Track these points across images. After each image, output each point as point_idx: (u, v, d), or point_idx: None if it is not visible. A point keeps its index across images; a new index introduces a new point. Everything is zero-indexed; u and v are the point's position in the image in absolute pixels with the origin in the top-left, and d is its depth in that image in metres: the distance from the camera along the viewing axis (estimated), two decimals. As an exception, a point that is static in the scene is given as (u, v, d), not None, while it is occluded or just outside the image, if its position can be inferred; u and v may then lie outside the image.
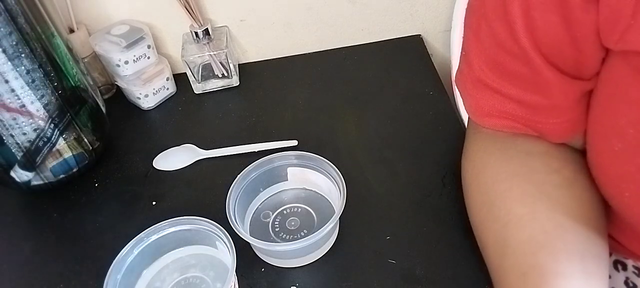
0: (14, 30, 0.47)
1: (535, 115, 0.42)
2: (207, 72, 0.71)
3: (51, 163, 0.56)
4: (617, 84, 0.36)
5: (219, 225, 0.46)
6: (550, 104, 0.40)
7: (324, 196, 0.54)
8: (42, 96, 0.51)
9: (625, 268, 0.49)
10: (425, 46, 0.76)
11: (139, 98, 0.69)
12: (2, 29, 0.46)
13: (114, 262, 0.44)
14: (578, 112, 0.41)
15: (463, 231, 0.50)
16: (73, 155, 0.57)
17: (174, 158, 0.62)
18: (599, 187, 0.42)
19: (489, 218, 0.43)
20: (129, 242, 0.46)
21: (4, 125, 0.51)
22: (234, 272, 0.43)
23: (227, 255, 0.45)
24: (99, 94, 0.62)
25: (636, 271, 0.49)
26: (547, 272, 0.36)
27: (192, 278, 0.48)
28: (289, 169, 0.54)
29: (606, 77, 0.37)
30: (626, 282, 0.49)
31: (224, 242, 0.45)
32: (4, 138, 0.51)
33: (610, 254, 0.50)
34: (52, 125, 0.53)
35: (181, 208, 0.56)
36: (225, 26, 0.73)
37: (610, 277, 0.50)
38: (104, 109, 0.62)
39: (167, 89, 0.71)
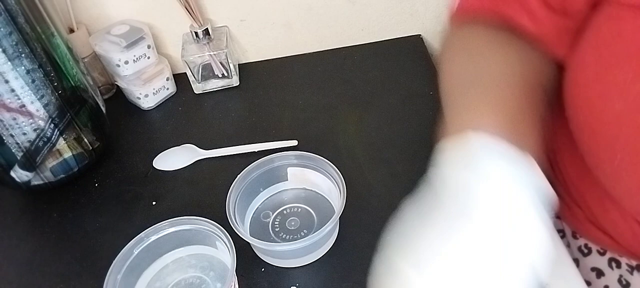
0: (14, 30, 0.47)
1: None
2: (207, 72, 0.71)
3: (51, 163, 0.56)
4: (624, 38, 0.35)
5: (219, 225, 0.46)
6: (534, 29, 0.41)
7: (324, 196, 0.54)
8: (42, 96, 0.51)
9: (619, 265, 0.50)
10: (425, 46, 0.76)
11: (139, 98, 0.69)
12: (2, 29, 0.46)
13: (114, 261, 0.44)
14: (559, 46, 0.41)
15: (463, 231, 0.50)
16: (73, 155, 0.57)
17: (174, 159, 0.62)
18: (586, 153, 0.41)
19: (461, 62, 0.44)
20: (129, 242, 0.46)
21: (4, 125, 0.51)
22: (234, 272, 0.43)
23: (227, 255, 0.45)
24: (99, 94, 0.62)
25: (629, 269, 0.49)
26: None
27: (191, 279, 0.48)
28: (289, 169, 0.54)
29: (611, 32, 0.36)
30: (619, 280, 0.49)
31: (224, 242, 0.45)
32: (4, 138, 0.51)
33: (605, 252, 0.51)
34: (52, 125, 0.53)
35: (181, 208, 0.56)
36: (225, 26, 0.73)
37: (604, 274, 0.50)
38: (104, 109, 0.62)
39: (167, 89, 0.71)
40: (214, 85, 0.72)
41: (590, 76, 0.39)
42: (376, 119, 0.64)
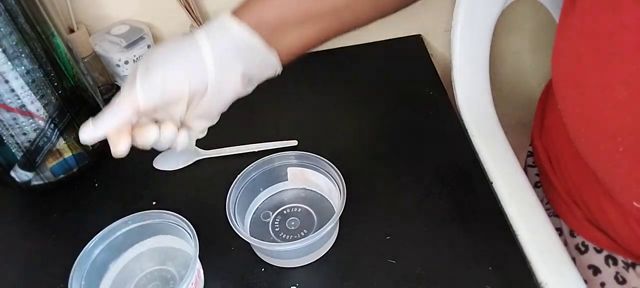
0: (14, 30, 0.47)
1: None
2: (207, 72, 0.71)
3: (51, 163, 0.56)
4: (628, 29, 0.34)
5: (180, 216, 0.46)
6: None
7: (324, 196, 0.54)
8: (42, 96, 0.51)
9: (615, 263, 0.50)
10: (425, 46, 0.76)
11: (139, 98, 0.69)
12: (2, 29, 0.46)
13: (79, 257, 0.46)
14: None
15: (463, 231, 0.50)
16: (73, 155, 0.57)
17: (174, 159, 0.62)
18: (584, 146, 0.41)
19: None
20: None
21: (4, 125, 0.51)
22: (198, 259, 0.43)
23: (190, 245, 0.45)
24: (99, 94, 0.62)
25: (626, 266, 0.49)
26: None
27: (163, 272, 0.49)
28: (289, 169, 0.54)
29: (612, 23, 0.35)
30: (616, 277, 0.49)
31: (186, 231, 0.45)
32: (4, 138, 0.51)
33: (602, 250, 0.51)
34: (52, 125, 0.53)
35: (181, 208, 0.56)
36: (225, 26, 0.73)
37: (601, 272, 0.50)
38: (104, 109, 0.62)
39: (167, 89, 0.71)
40: (214, 85, 0.72)
41: (589, 67, 0.38)
42: (376, 119, 0.64)
